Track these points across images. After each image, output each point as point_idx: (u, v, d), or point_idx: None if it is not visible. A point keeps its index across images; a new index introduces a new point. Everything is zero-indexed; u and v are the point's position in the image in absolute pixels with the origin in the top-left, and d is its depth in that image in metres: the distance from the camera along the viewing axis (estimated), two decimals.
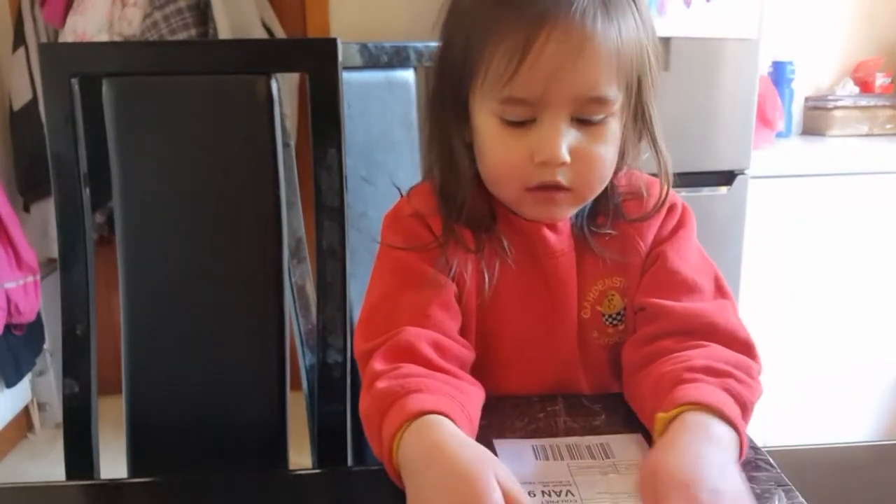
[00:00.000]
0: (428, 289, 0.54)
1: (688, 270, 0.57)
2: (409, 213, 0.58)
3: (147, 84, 0.75)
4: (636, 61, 0.53)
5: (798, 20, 1.84)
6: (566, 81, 0.50)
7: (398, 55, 0.99)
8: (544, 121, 0.51)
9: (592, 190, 0.55)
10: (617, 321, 0.59)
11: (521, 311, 0.58)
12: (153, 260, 0.76)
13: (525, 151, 0.52)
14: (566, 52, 0.49)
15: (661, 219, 0.60)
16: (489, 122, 0.53)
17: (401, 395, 0.46)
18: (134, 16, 1.64)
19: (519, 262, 0.57)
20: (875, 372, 1.64)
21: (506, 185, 0.55)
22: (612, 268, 0.58)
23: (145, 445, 0.77)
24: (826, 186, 1.55)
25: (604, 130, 0.53)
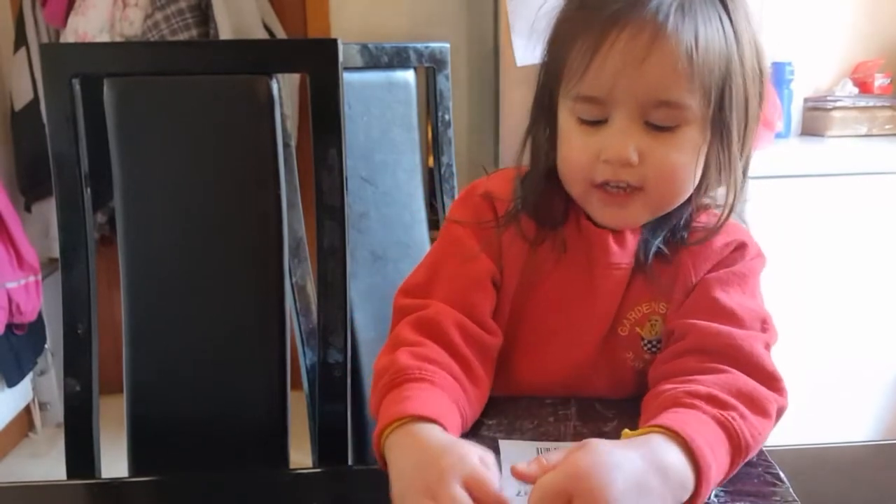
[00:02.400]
0: (470, 264, 0.56)
1: (728, 301, 0.54)
2: (480, 192, 0.60)
3: (148, 84, 0.75)
4: (717, 70, 0.50)
5: (797, 21, 1.84)
6: (633, 82, 0.50)
7: (398, 56, 1.00)
8: (615, 121, 0.52)
9: (664, 195, 0.54)
10: (656, 348, 0.57)
11: (558, 308, 0.57)
12: (154, 260, 0.76)
13: (594, 148, 0.53)
14: (634, 51, 0.49)
15: (722, 254, 0.57)
16: (567, 120, 0.55)
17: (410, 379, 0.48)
18: (135, 16, 1.64)
19: (572, 266, 0.57)
20: (875, 372, 1.64)
21: (574, 179, 0.55)
22: (659, 293, 0.57)
23: (146, 444, 0.78)
24: (825, 187, 1.56)
25: (676, 139, 0.51)
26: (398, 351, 0.51)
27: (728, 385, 0.48)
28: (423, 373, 0.49)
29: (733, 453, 0.45)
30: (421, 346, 0.51)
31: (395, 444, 0.45)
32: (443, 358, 0.51)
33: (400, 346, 0.51)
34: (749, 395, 0.48)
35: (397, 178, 1.02)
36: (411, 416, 0.45)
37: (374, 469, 0.48)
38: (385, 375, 0.50)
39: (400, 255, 1.01)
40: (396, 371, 0.49)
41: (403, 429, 0.45)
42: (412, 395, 0.47)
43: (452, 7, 1.88)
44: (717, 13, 0.51)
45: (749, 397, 0.48)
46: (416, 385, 0.48)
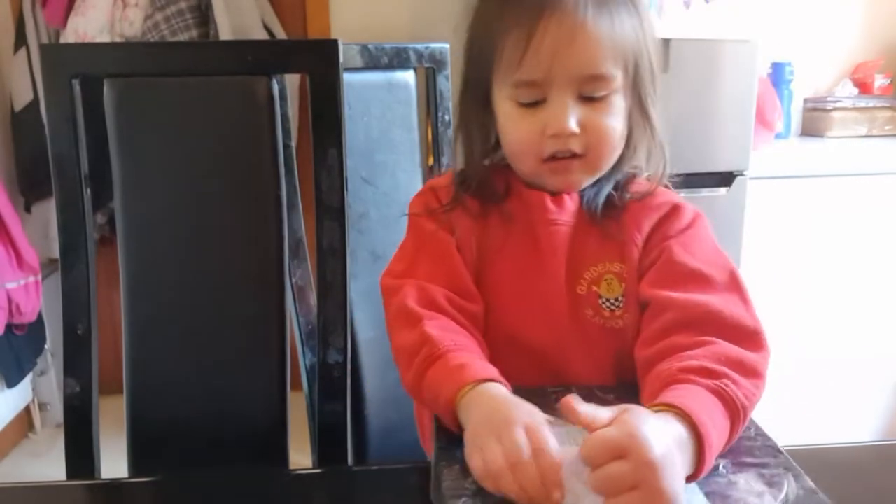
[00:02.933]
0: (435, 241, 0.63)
1: (695, 263, 0.59)
2: (426, 188, 0.69)
3: (148, 85, 0.75)
4: (631, 46, 0.59)
5: (797, 21, 1.84)
6: (565, 62, 0.57)
7: (398, 56, 1.00)
8: (553, 99, 0.58)
9: (602, 157, 0.61)
10: (614, 306, 0.61)
11: (513, 274, 0.63)
12: (154, 260, 0.76)
13: (538, 127, 0.59)
14: (563, 37, 0.57)
15: (659, 214, 0.62)
16: (507, 105, 0.61)
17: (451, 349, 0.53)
18: (135, 17, 1.64)
19: (519, 232, 0.63)
20: (875, 372, 1.64)
21: (524, 158, 0.62)
22: (613, 253, 0.62)
23: (146, 445, 0.78)
24: (825, 187, 1.56)
25: (607, 105, 0.59)
26: (423, 325, 0.55)
27: (717, 355, 0.51)
28: (456, 343, 0.54)
29: (732, 418, 0.48)
30: (438, 318, 0.57)
31: (469, 403, 0.50)
32: (458, 328, 0.57)
33: (420, 321, 0.56)
34: (738, 361, 0.51)
35: (397, 179, 1.02)
36: (477, 380, 0.50)
37: (373, 469, 0.49)
38: (421, 350, 0.54)
39: None
40: (433, 344, 0.54)
41: (474, 391, 0.50)
42: (464, 362, 0.52)
43: (452, 8, 1.88)
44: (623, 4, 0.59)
45: (738, 362, 0.51)
46: (460, 354, 0.53)
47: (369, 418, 0.96)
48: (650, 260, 0.61)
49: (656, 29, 0.62)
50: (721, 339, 0.53)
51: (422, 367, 0.54)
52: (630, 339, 0.61)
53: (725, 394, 0.48)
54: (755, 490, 0.44)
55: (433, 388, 0.52)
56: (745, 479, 0.45)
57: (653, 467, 0.41)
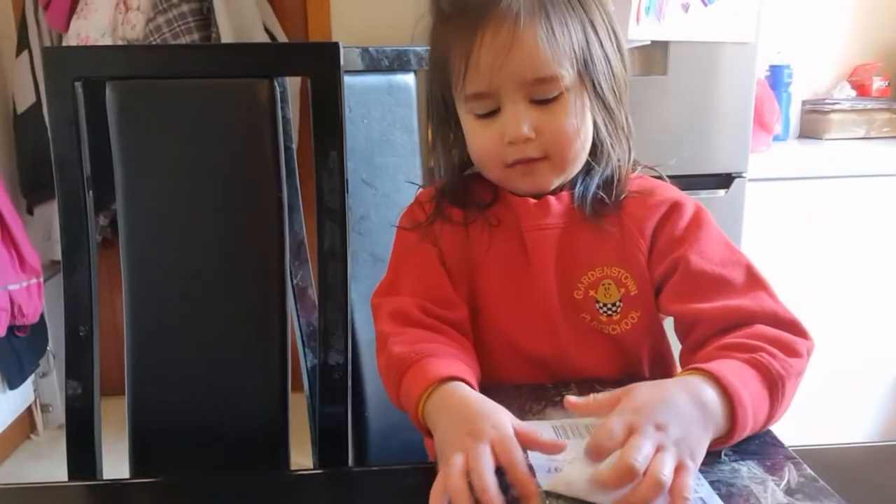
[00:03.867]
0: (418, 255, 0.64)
1: (713, 268, 0.58)
2: (413, 202, 0.70)
3: (150, 87, 0.75)
4: (576, 43, 0.59)
5: (795, 24, 1.85)
6: (507, 70, 0.57)
7: (399, 59, 1.00)
8: (505, 107, 0.59)
9: (564, 156, 0.60)
10: (611, 311, 0.61)
11: (501, 279, 0.63)
12: (156, 262, 0.77)
13: (497, 135, 0.60)
14: (499, 47, 0.57)
15: (660, 213, 0.62)
16: (467, 118, 0.62)
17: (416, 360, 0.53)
18: (137, 20, 1.65)
19: (505, 237, 0.63)
20: (874, 374, 1.64)
21: (488, 166, 0.63)
22: (611, 257, 0.61)
23: (147, 446, 0.78)
24: (823, 189, 1.56)
25: (561, 106, 0.59)
26: (389, 346, 0.57)
27: (754, 334, 0.52)
28: (419, 354, 0.54)
29: (769, 386, 0.49)
30: (404, 334, 0.57)
31: (433, 409, 0.50)
32: (426, 336, 0.57)
33: (387, 340, 0.57)
34: (775, 339, 0.52)
35: (397, 181, 1.02)
36: (438, 380, 0.50)
37: (374, 470, 0.49)
38: (391, 369, 0.55)
39: None
40: (397, 362, 0.54)
41: (435, 394, 0.50)
42: (426, 367, 0.52)
43: None
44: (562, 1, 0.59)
45: (775, 340, 0.52)
46: (422, 362, 0.53)
47: (370, 419, 0.96)
48: (663, 272, 0.60)
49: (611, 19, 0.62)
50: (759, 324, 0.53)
51: (395, 386, 0.55)
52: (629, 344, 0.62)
53: (761, 363, 0.49)
54: (758, 477, 0.45)
55: (404, 402, 0.54)
56: (747, 468, 0.47)
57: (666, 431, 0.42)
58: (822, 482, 0.45)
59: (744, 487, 0.44)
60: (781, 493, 0.43)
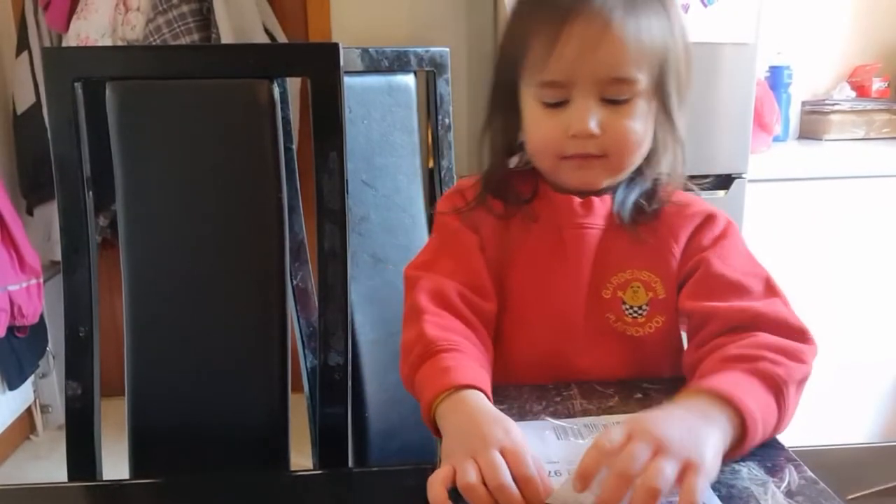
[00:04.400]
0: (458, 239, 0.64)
1: (733, 273, 0.59)
2: (454, 189, 0.70)
3: (150, 88, 0.75)
4: (658, 49, 0.59)
5: (795, 25, 1.85)
6: (590, 65, 0.57)
7: (399, 60, 1.00)
8: (576, 100, 0.59)
9: (623, 158, 0.61)
10: (637, 314, 0.62)
11: (533, 274, 0.63)
12: (156, 262, 0.77)
13: (561, 127, 0.60)
14: (589, 38, 0.57)
15: (695, 223, 0.63)
16: (532, 105, 0.62)
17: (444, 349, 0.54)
18: (137, 20, 1.65)
19: (544, 232, 0.63)
20: (874, 374, 1.64)
21: (544, 156, 0.63)
22: (642, 261, 0.62)
23: (147, 447, 0.78)
24: (823, 190, 1.56)
25: (630, 109, 0.59)
26: (423, 322, 0.57)
27: (755, 343, 0.53)
28: (450, 343, 0.55)
29: (775, 392, 0.49)
30: (440, 316, 0.58)
31: (446, 412, 0.50)
32: (460, 327, 0.58)
33: (423, 315, 0.57)
34: (779, 347, 0.52)
35: (397, 182, 1.02)
36: (457, 386, 0.51)
37: (374, 471, 0.49)
38: (416, 346, 0.55)
39: (400, 258, 1.01)
40: (427, 343, 0.55)
41: (452, 398, 0.50)
42: (450, 365, 0.52)
43: (452, 12, 1.89)
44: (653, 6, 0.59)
45: (779, 348, 0.52)
46: (449, 355, 0.54)
47: (370, 420, 0.96)
48: (686, 271, 0.61)
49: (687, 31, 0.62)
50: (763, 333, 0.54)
51: (415, 363, 0.55)
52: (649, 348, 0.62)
53: (762, 372, 0.49)
54: (758, 479, 0.45)
55: (420, 387, 0.54)
56: (747, 469, 0.47)
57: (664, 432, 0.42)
58: (822, 484, 0.45)
59: (744, 489, 0.44)
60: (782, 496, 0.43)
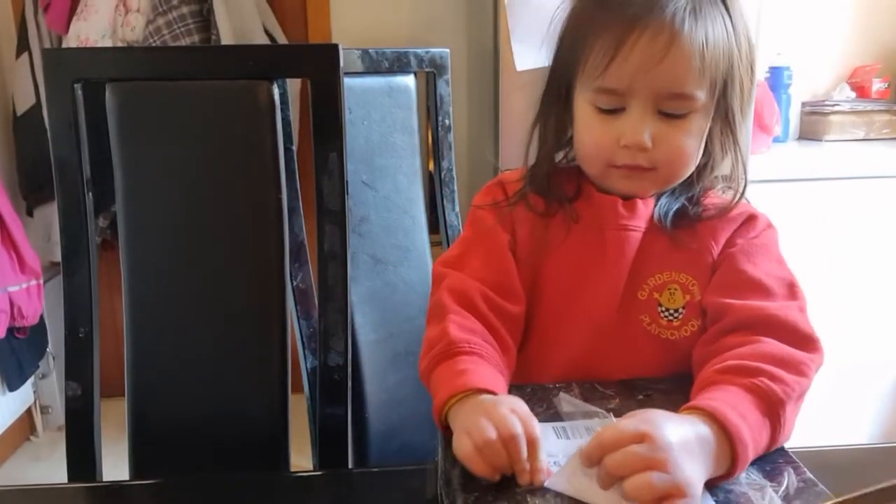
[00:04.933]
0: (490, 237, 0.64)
1: (756, 272, 0.59)
2: (496, 181, 0.68)
3: (150, 89, 0.75)
4: (722, 65, 0.57)
5: (795, 26, 1.85)
6: (651, 77, 0.56)
7: (399, 61, 1.00)
8: (632, 110, 0.58)
9: (673, 173, 0.60)
10: (673, 317, 0.61)
11: (569, 273, 0.62)
12: (156, 263, 0.77)
13: (613, 135, 0.59)
14: (653, 51, 0.55)
15: (736, 224, 0.62)
16: (585, 108, 0.60)
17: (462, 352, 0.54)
18: (137, 22, 1.65)
19: (585, 231, 0.62)
20: (874, 375, 1.64)
21: (594, 162, 0.62)
22: (681, 263, 0.61)
23: (147, 448, 0.78)
24: (823, 191, 1.56)
25: (686, 124, 0.58)
26: (448, 321, 0.57)
27: (758, 353, 0.52)
28: (471, 346, 0.55)
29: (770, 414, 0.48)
30: (464, 317, 0.58)
31: (458, 412, 0.50)
32: (482, 329, 0.57)
33: (448, 315, 0.57)
34: (780, 358, 0.51)
35: (398, 183, 1.02)
36: (472, 389, 0.51)
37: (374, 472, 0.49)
38: (438, 344, 0.55)
39: (400, 259, 1.01)
40: (448, 343, 0.55)
41: (465, 400, 0.50)
42: (467, 368, 0.53)
43: (452, 13, 1.89)
44: (720, 14, 0.58)
45: (780, 359, 0.51)
46: (468, 358, 0.54)
47: (370, 421, 0.96)
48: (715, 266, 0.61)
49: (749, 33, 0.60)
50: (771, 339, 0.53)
51: (434, 360, 0.55)
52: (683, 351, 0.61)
53: (760, 390, 0.49)
54: (756, 483, 0.45)
55: (435, 385, 0.54)
56: (745, 473, 0.46)
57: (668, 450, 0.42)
58: (821, 486, 0.45)
59: (741, 494, 0.44)
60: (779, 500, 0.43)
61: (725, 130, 0.61)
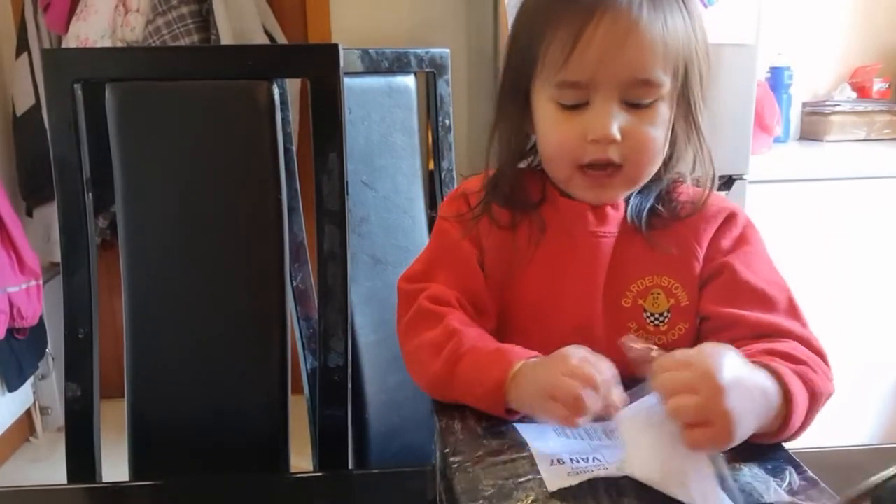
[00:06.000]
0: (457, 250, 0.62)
1: (758, 282, 0.58)
2: (459, 191, 0.66)
3: (149, 90, 0.75)
4: (683, 51, 0.56)
5: (796, 26, 1.85)
6: (614, 65, 0.54)
7: (399, 61, 1.00)
8: (596, 103, 0.55)
9: (641, 168, 0.58)
10: (659, 321, 0.60)
11: (545, 286, 0.60)
12: (155, 264, 0.77)
13: (579, 131, 0.56)
14: (613, 38, 0.53)
15: (717, 223, 0.61)
16: (547, 106, 0.58)
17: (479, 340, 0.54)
18: (136, 22, 1.65)
19: (554, 241, 0.61)
20: (875, 376, 1.64)
21: (560, 162, 0.59)
22: (663, 266, 0.60)
23: (147, 449, 0.78)
24: (824, 191, 1.56)
25: (653, 113, 0.56)
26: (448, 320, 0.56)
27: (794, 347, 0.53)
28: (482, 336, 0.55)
29: (811, 401, 0.49)
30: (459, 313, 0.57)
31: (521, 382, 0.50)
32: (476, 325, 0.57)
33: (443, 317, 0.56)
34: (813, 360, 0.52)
35: (397, 183, 1.02)
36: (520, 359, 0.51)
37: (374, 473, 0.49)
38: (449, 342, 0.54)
39: (400, 259, 1.01)
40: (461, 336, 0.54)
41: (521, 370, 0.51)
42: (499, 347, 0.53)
43: (452, 13, 1.89)
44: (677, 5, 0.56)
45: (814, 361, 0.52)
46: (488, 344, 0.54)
47: (370, 422, 0.96)
48: (708, 274, 0.59)
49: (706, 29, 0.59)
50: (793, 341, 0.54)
51: (452, 357, 0.53)
52: None
53: (806, 377, 0.49)
54: (760, 477, 0.45)
55: (472, 374, 0.52)
56: (748, 468, 0.47)
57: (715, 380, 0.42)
58: (823, 484, 0.45)
59: (746, 483, 0.45)
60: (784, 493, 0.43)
61: (689, 119, 0.59)
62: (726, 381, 0.42)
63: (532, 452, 0.46)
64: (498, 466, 0.45)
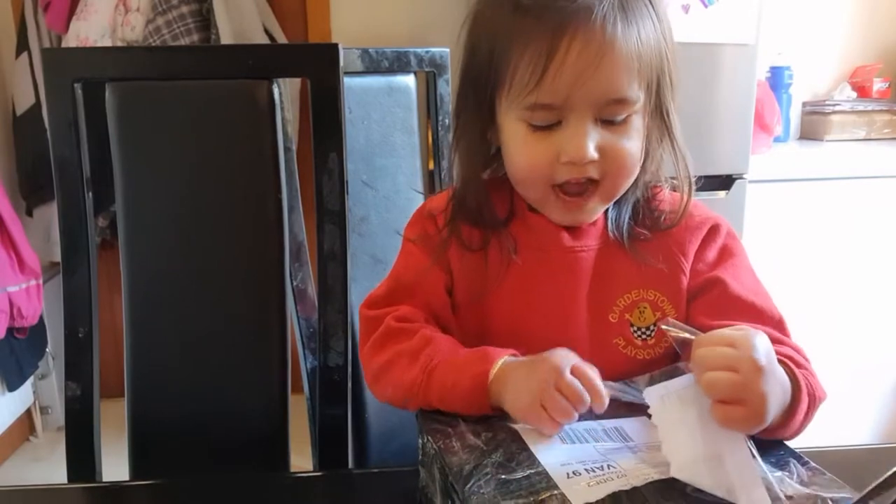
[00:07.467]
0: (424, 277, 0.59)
1: (748, 295, 0.58)
2: (424, 211, 0.63)
3: (149, 89, 0.75)
4: (655, 62, 0.54)
5: (796, 25, 1.85)
6: (588, 86, 0.52)
7: (399, 60, 1.00)
8: (570, 123, 0.53)
9: (618, 182, 0.56)
10: (646, 335, 0.58)
11: (527, 308, 0.58)
12: (155, 264, 0.77)
13: (551, 152, 0.54)
14: (587, 60, 0.51)
15: (701, 234, 0.60)
16: (516, 126, 0.55)
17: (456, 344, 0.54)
18: (137, 21, 1.65)
19: (528, 260, 0.58)
20: (874, 376, 1.64)
21: (532, 184, 0.57)
22: (649, 280, 0.58)
23: (147, 448, 0.78)
24: (824, 191, 1.56)
25: (627, 127, 0.55)
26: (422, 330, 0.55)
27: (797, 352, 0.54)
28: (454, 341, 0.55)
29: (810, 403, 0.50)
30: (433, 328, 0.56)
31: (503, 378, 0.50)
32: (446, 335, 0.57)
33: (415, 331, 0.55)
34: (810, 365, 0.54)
35: (397, 182, 1.02)
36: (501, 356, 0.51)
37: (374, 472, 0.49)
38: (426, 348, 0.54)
39: None
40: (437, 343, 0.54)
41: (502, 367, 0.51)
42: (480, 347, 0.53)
43: (452, 13, 1.89)
44: (647, 12, 0.54)
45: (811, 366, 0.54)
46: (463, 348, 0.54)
47: (370, 421, 0.96)
48: (696, 286, 0.59)
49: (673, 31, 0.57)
50: None
51: (430, 362, 0.53)
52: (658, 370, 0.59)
53: (807, 379, 0.50)
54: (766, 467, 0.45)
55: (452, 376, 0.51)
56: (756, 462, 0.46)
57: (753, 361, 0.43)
58: (829, 475, 0.45)
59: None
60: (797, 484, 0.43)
61: (662, 127, 0.57)
62: (765, 364, 0.43)
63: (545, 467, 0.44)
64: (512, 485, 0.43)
